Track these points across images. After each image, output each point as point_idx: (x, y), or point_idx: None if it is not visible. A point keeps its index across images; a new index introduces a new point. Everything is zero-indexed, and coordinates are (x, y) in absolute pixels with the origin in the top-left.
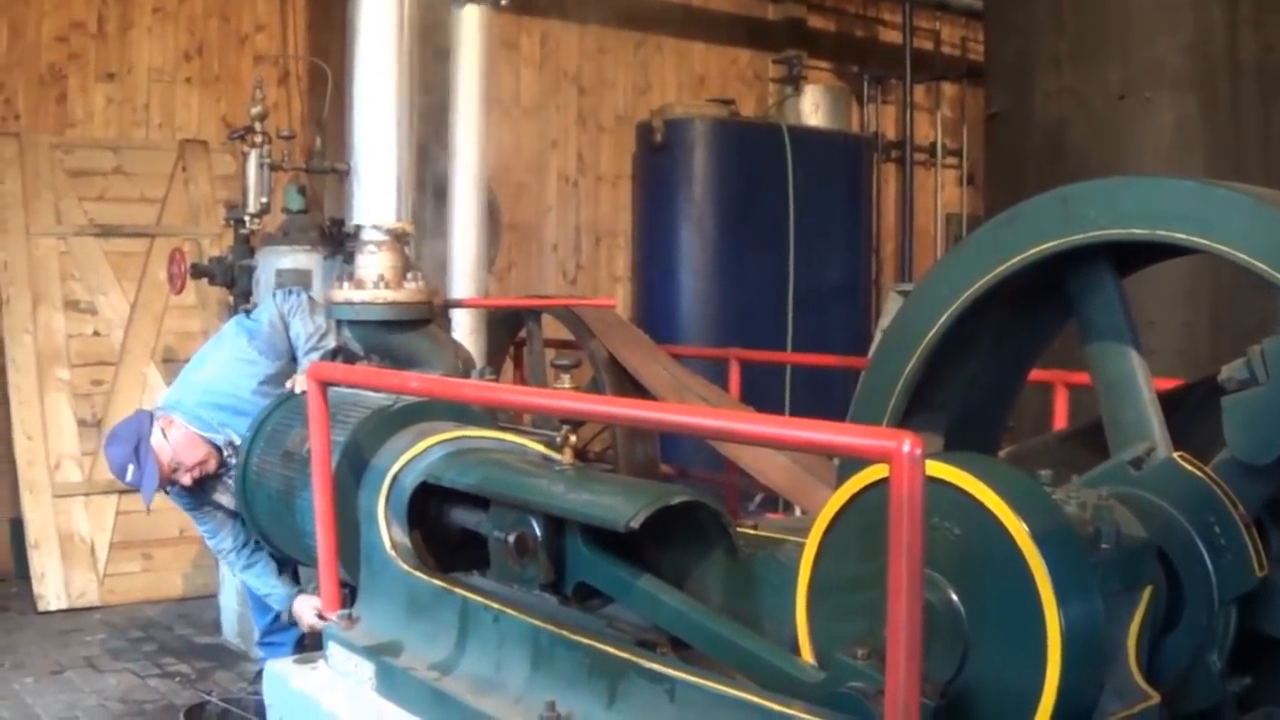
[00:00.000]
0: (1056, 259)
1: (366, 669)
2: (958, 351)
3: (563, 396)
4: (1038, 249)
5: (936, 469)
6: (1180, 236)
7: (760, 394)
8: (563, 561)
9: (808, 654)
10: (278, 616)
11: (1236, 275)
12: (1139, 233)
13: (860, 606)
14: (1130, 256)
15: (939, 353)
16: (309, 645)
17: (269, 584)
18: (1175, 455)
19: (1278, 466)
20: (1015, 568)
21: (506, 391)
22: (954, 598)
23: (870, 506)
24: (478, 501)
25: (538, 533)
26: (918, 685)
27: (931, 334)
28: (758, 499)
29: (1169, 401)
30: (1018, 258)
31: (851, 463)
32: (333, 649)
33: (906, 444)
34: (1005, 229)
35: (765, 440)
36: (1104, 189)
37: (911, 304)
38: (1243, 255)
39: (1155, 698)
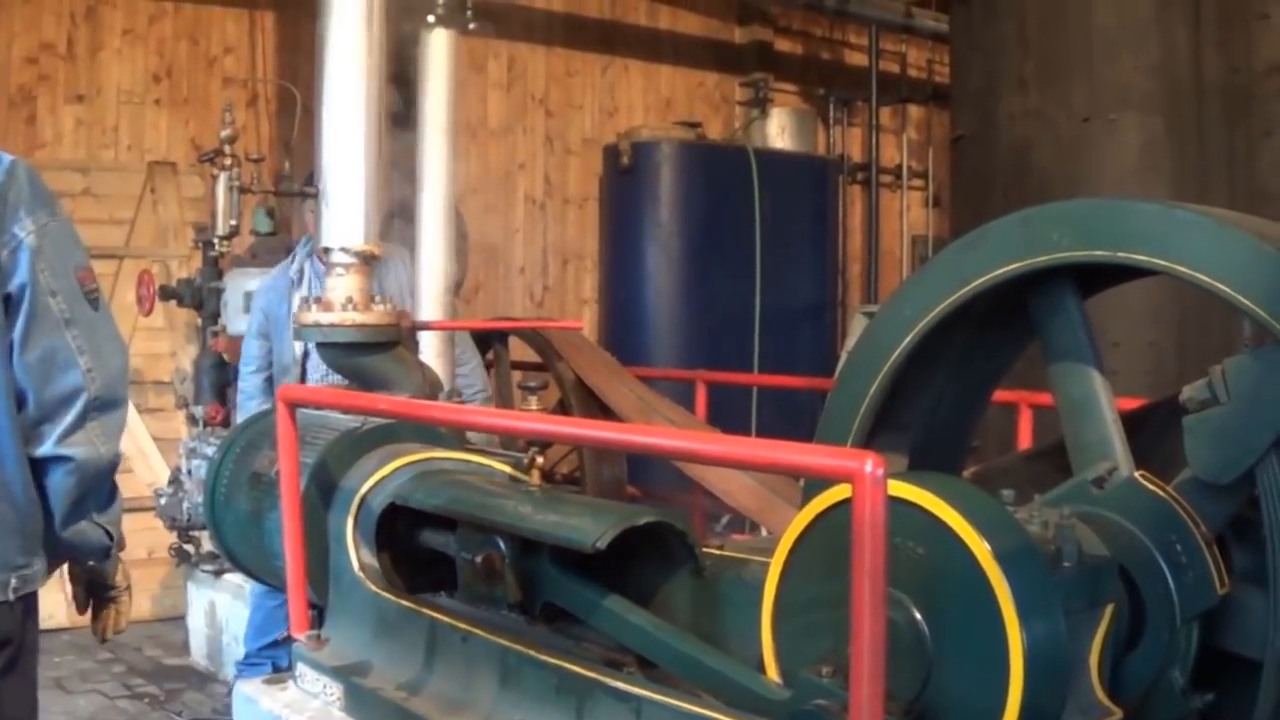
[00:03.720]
0: (1019, 280)
1: (335, 689)
2: (922, 372)
3: (529, 418)
4: (1000, 271)
5: (899, 489)
6: (1141, 258)
7: (727, 415)
8: (530, 582)
9: (774, 672)
10: (275, 642)
11: (1201, 296)
12: (1100, 254)
13: (825, 625)
14: (1093, 278)
15: (904, 373)
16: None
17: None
18: (1136, 474)
19: (1239, 485)
20: (978, 586)
21: (473, 413)
22: (917, 616)
23: (834, 526)
24: (445, 523)
25: (505, 554)
26: (881, 703)
27: (896, 355)
28: (724, 520)
29: (1132, 421)
30: (981, 279)
31: (816, 483)
32: (301, 669)
33: (869, 464)
34: (968, 251)
35: (729, 461)
36: (1066, 211)
37: (876, 325)
38: (1203, 277)
39: (1118, 713)
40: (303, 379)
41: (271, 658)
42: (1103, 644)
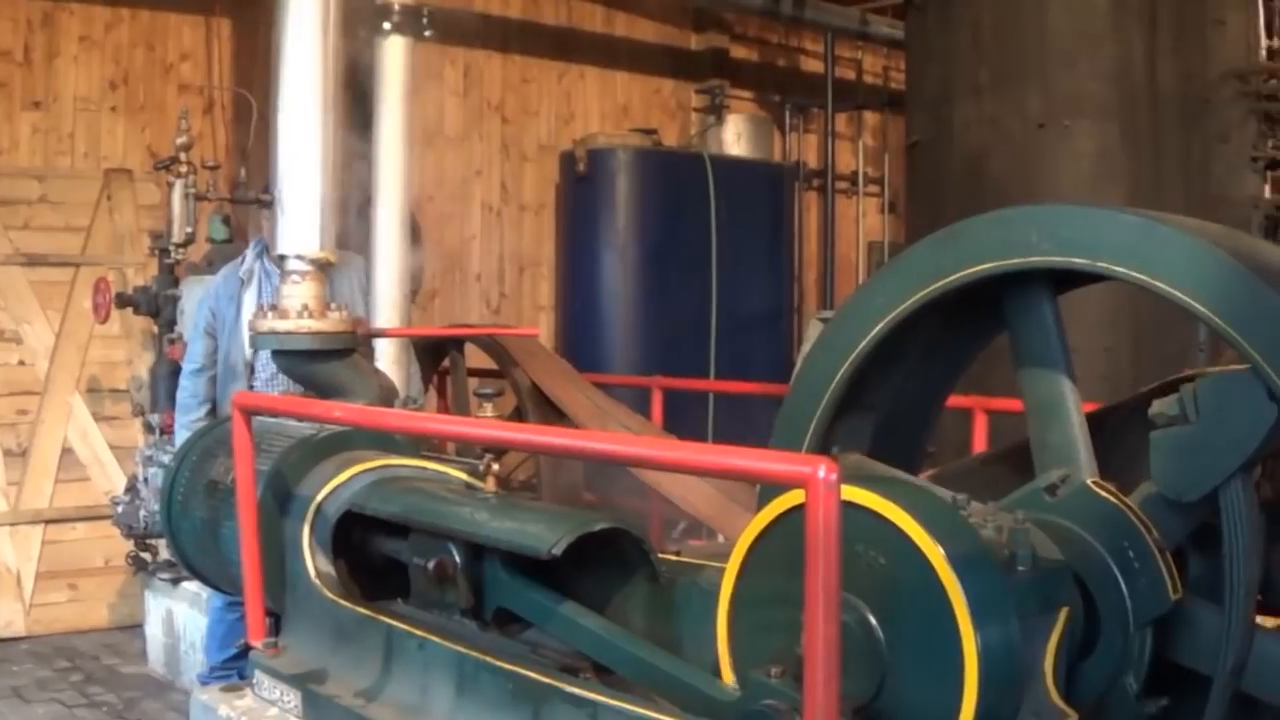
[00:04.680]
0: (995, 279)
1: (293, 697)
2: (890, 358)
3: (484, 425)
4: (977, 268)
5: (853, 494)
6: (1120, 270)
7: (684, 421)
8: (482, 587)
9: (729, 676)
10: (237, 655)
11: (1158, 303)
12: (1079, 262)
13: (779, 628)
14: (1066, 279)
15: (872, 358)
16: None
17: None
18: (1089, 481)
19: (1201, 503)
20: (932, 591)
21: (428, 420)
22: (872, 621)
23: (789, 530)
24: (400, 529)
25: (457, 559)
26: (836, 706)
27: (865, 341)
28: (681, 526)
29: (1089, 423)
30: (956, 275)
31: (772, 488)
32: (259, 677)
33: (822, 470)
34: (945, 246)
35: (683, 467)
36: (1047, 215)
37: (847, 311)
38: (1183, 296)
39: (1073, 717)
40: (250, 383)
41: (238, 669)
42: (1057, 648)
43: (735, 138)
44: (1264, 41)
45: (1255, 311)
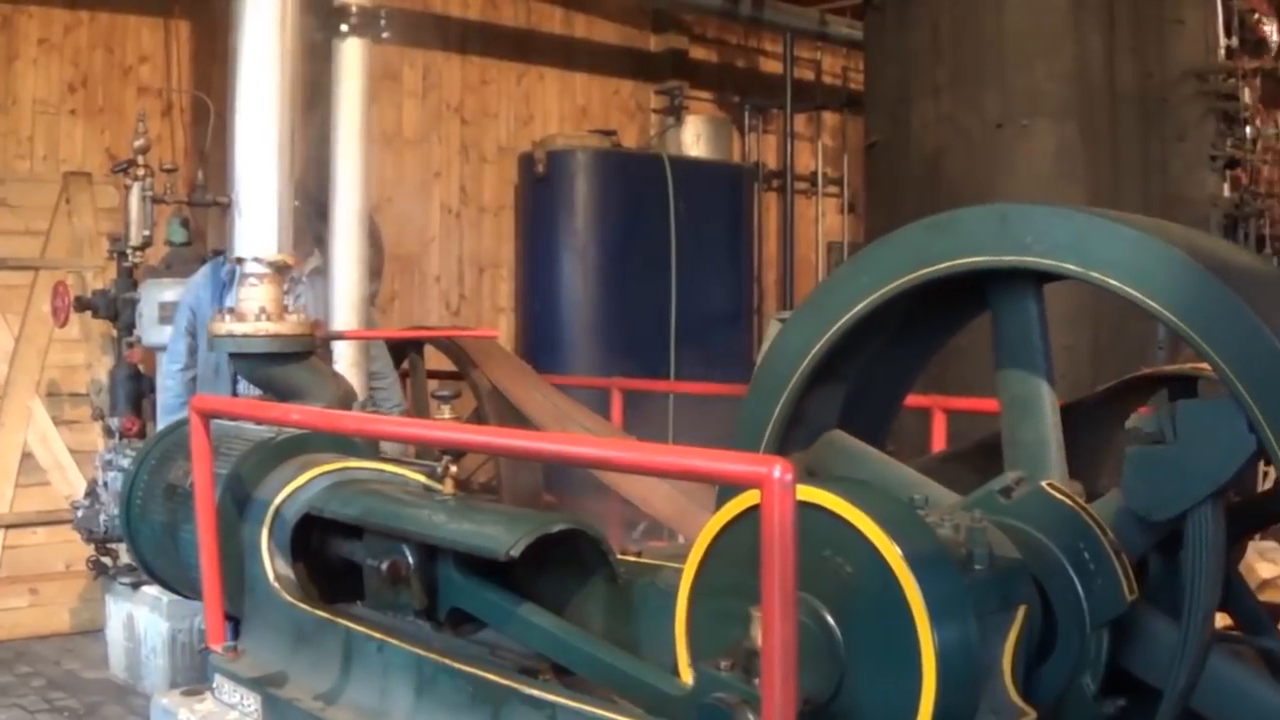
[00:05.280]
0: (984, 273)
1: (252, 700)
2: (865, 337)
3: (442, 427)
4: (968, 260)
5: (809, 493)
6: (1113, 283)
7: (644, 422)
8: (436, 588)
9: (687, 675)
10: None
11: (1118, 302)
12: (1071, 269)
13: (734, 624)
14: (1049, 276)
15: (849, 335)
16: None
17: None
18: (1044, 484)
19: (1167, 521)
20: (889, 590)
21: (386, 423)
22: (829, 620)
23: (745, 530)
24: (358, 532)
25: (410, 560)
26: (794, 705)
27: (847, 316)
28: (641, 527)
29: None
30: (946, 264)
31: (730, 488)
32: (219, 681)
33: (777, 470)
34: (937, 234)
35: (640, 468)
36: (1043, 216)
37: (830, 286)
38: (1173, 318)
39: (1031, 714)
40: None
41: None
42: (1015, 646)
43: (694, 139)
44: (1222, 40)
45: (1215, 312)
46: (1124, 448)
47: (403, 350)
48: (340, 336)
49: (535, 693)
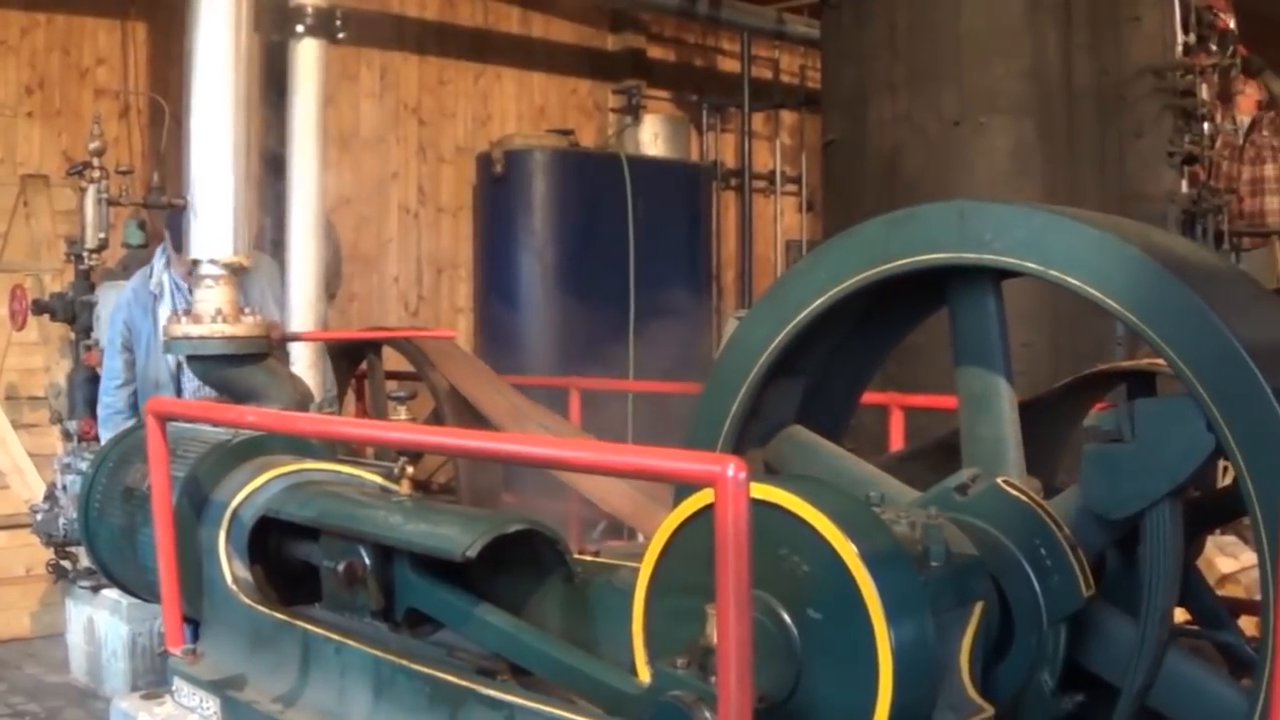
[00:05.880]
0: (943, 269)
1: (211, 703)
2: (823, 331)
3: (398, 428)
4: (928, 256)
5: (764, 491)
6: (1074, 282)
7: (603, 422)
8: (393, 589)
9: (644, 674)
10: None
11: (1077, 299)
12: (1032, 267)
13: (690, 622)
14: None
15: (808, 330)
16: None
17: None
18: (1000, 480)
19: (1124, 519)
20: (845, 587)
21: (342, 424)
22: (786, 618)
23: (702, 529)
24: (314, 533)
25: (367, 561)
26: (750, 703)
27: (804, 314)
28: (601, 526)
29: None
30: (906, 260)
31: (687, 487)
32: (178, 684)
33: (731, 468)
34: (897, 230)
35: (595, 467)
36: (1002, 213)
37: (788, 281)
38: (1133, 319)
39: (989, 710)
40: (178, 393)
41: None
42: (973, 642)
43: (652, 138)
44: (1179, 38)
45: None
46: (1082, 444)
47: (361, 351)
48: (297, 338)
49: (493, 693)
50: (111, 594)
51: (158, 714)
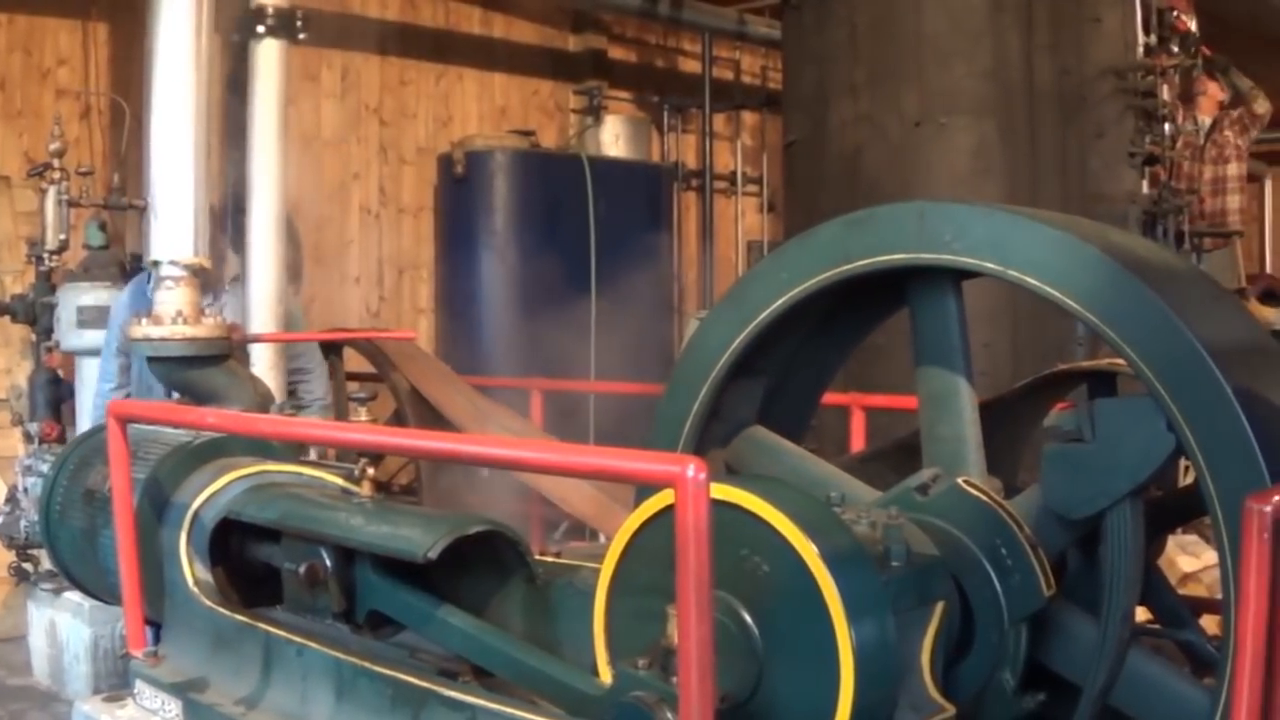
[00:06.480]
0: (902, 270)
1: (173, 706)
2: (784, 332)
3: (359, 430)
4: (887, 257)
5: (725, 492)
6: (1032, 282)
7: (566, 423)
8: (354, 590)
9: (606, 675)
10: None
11: (1036, 299)
12: (990, 267)
13: (652, 623)
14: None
15: (768, 331)
16: None
17: None
18: (960, 480)
19: (1085, 519)
20: (806, 588)
21: (302, 426)
22: (747, 618)
23: (662, 529)
24: (276, 535)
25: (328, 563)
26: (712, 703)
27: (765, 314)
28: (563, 527)
29: None
30: (865, 261)
31: (647, 487)
32: (140, 686)
33: (690, 469)
34: (857, 230)
35: (555, 468)
36: (962, 214)
37: (749, 281)
38: (1093, 319)
39: (950, 710)
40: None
41: None
42: (934, 642)
43: (614, 138)
44: (1140, 38)
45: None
46: (1043, 444)
47: (323, 352)
48: (257, 339)
49: (455, 694)
50: (73, 596)
51: (120, 717)
